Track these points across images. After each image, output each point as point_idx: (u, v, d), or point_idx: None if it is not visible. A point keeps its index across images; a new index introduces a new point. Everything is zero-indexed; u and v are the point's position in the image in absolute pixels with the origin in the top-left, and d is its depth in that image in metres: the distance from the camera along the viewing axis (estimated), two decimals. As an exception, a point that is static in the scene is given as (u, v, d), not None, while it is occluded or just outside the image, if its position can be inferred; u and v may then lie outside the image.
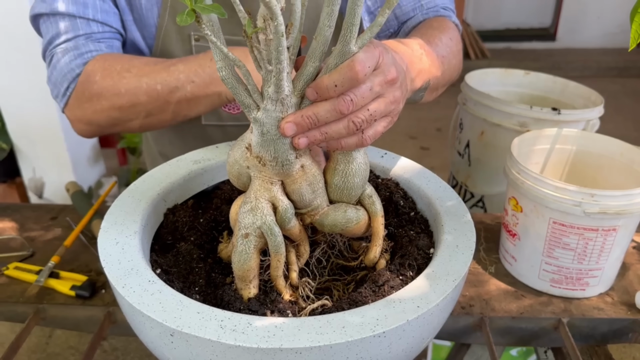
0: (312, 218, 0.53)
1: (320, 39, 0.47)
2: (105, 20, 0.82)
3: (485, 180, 1.19)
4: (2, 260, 0.86)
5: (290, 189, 0.51)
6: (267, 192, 0.51)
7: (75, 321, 0.79)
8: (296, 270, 0.53)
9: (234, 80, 0.48)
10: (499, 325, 0.77)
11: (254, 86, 0.48)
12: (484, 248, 0.90)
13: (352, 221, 0.53)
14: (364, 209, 0.55)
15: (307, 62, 0.48)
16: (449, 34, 0.87)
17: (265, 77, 0.47)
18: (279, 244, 0.51)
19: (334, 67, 0.48)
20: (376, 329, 0.42)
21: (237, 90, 0.48)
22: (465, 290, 0.81)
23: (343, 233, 0.55)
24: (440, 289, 0.47)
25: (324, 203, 0.53)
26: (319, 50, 0.48)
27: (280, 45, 0.43)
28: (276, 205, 0.51)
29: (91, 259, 0.87)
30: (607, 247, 0.76)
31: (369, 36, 0.47)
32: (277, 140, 0.49)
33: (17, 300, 0.78)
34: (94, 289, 0.80)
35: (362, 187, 0.54)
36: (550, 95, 1.25)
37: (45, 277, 0.81)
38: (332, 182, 0.53)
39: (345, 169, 0.53)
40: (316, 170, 0.52)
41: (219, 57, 0.47)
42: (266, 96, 0.47)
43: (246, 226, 0.51)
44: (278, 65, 0.44)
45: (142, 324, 0.45)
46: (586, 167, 0.89)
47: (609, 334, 0.78)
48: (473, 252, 0.52)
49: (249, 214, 0.50)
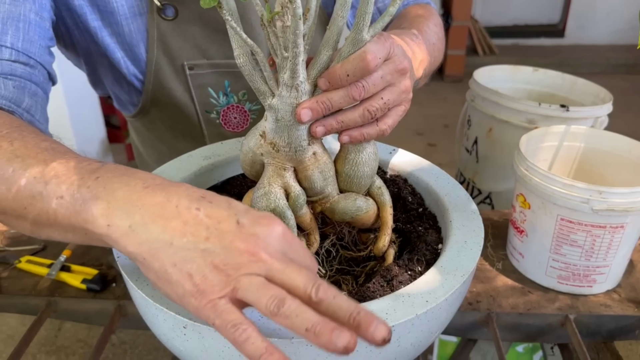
0: (323, 206, 0.54)
1: (334, 29, 0.49)
2: (27, 51, 0.65)
3: (492, 177, 1.19)
4: (14, 254, 0.88)
5: (302, 175, 0.52)
6: (280, 178, 0.52)
7: (86, 314, 0.80)
8: (307, 259, 0.54)
9: (251, 67, 0.49)
10: (506, 321, 0.77)
11: (269, 73, 0.49)
12: (492, 245, 0.91)
13: (362, 209, 0.54)
14: (373, 200, 0.56)
15: (321, 51, 0.49)
16: (433, 20, 0.88)
17: (280, 64, 0.48)
18: (291, 227, 0.52)
19: (347, 54, 0.49)
20: (385, 323, 0.43)
21: (253, 77, 0.50)
22: (472, 287, 0.81)
23: (352, 222, 0.56)
24: (448, 284, 0.48)
25: (334, 192, 0.54)
26: (332, 39, 0.49)
27: (297, 28, 0.44)
28: (289, 192, 0.52)
29: (102, 253, 0.88)
30: (614, 244, 0.76)
31: (381, 25, 0.48)
32: (291, 126, 0.50)
33: (30, 293, 0.80)
34: (104, 282, 0.81)
35: (372, 177, 0.55)
36: (559, 92, 1.25)
37: (57, 271, 0.82)
38: (343, 170, 0.54)
39: (356, 158, 0.54)
40: (327, 158, 0.53)
41: (237, 44, 0.48)
42: (281, 83, 0.49)
43: (259, 210, 0.52)
44: (295, 49, 0.45)
45: (155, 316, 0.46)
46: (594, 164, 0.89)
47: (615, 331, 0.78)
48: (481, 248, 0.53)
49: (262, 199, 0.51)
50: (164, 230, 0.40)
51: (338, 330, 0.35)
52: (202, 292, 0.38)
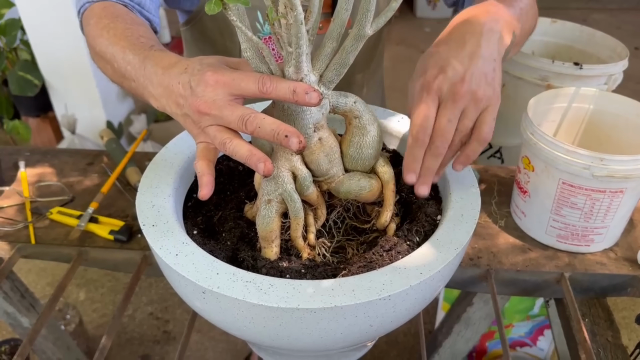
0: (329, 185, 0.58)
1: (338, 21, 0.51)
2: None
3: (503, 132, 1.20)
4: (45, 205, 0.94)
5: (309, 159, 0.56)
6: (288, 162, 0.55)
7: (114, 263, 0.87)
8: (314, 232, 0.59)
9: (258, 60, 0.52)
10: (504, 277, 0.82)
11: (276, 67, 0.51)
12: (496, 202, 0.94)
13: (365, 189, 0.58)
14: (376, 177, 0.59)
15: (325, 43, 0.52)
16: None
17: (286, 58, 0.50)
18: (298, 209, 0.56)
19: (350, 48, 0.51)
20: (382, 293, 0.48)
21: (260, 70, 0.52)
22: (474, 243, 0.86)
23: (357, 199, 0.60)
24: (442, 257, 0.52)
25: (339, 172, 0.58)
26: (336, 32, 0.51)
27: (299, 32, 0.46)
28: (296, 174, 0.56)
29: (127, 205, 0.94)
30: (613, 208, 0.79)
31: (383, 20, 0.50)
32: (297, 115, 0.53)
33: (62, 243, 0.86)
34: (130, 233, 0.87)
35: (375, 158, 0.58)
36: (576, 44, 1.24)
37: (86, 222, 0.88)
38: (348, 152, 0.57)
39: (360, 141, 0.57)
40: (333, 142, 0.56)
41: (243, 39, 0.50)
42: (287, 76, 0.51)
43: (269, 193, 0.56)
44: (297, 49, 0.48)
45: (178, 281, 0.51)
46: (602, 126, 0.91)
47: (608, 288, 0.82)
48: (476, 221, 0.56)
49: (271, 182, 0.55)
50: (167, 103, 0.56)
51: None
52: (195, 136, 0.56)
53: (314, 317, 0.47)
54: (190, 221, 0.61)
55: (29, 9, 2.08)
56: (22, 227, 0.88)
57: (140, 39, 0.66)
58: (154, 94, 0.58)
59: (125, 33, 0.67)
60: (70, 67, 2.21)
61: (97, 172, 1.03)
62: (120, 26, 0.69)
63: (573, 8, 4.06)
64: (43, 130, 2.51)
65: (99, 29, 0.70)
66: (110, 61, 0.67)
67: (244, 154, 0.50)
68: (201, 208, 0.64)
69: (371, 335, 0.54)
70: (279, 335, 0.50)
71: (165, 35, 3.19)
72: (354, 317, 0.48)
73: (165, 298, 1.95)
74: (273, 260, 0.56)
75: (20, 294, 1.06)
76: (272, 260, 0.56)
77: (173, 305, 1.92)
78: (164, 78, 0.56)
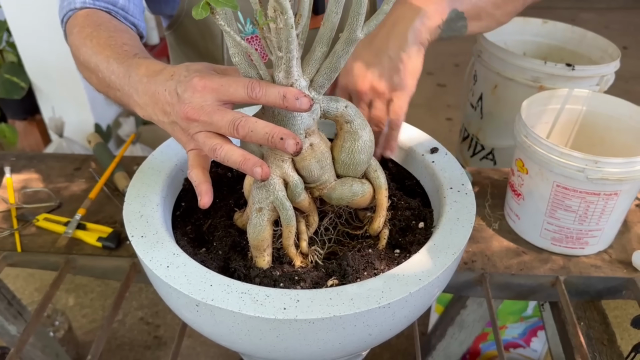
0: (321, 192, 0.57)
1: (328, 25, 0.49)
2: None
3: (496, 134, 1.21)
4: (31, 211, 0.92)
5: (300, 165, 0.54)
6: (279, 169, 0.54)
7: (103, 270, 0.85)
8: (306, 240, 0.57)
9: (247, 65, 0.50)
10: (498, 281, 0.81)
11: (265, 71, 0.50)
12: (490, 205, 0.94)
13: (357, 194, 0.57)
14: (369, 182, 0.58)
15: (315, 47, 0.50)
16: None
17: (275, 63, 0.49)
18: (290, 216, 0.54)
19: (340, 52, 0.50)
20: (381, 301, 0.46)
21: (249, 75, 0.51)
22: (468, 247, 0.85)
23: (349, 205, 0.58)
24: (440, 262, 0.51)
25: (331, 178, 0.57)
26: (326, 36, 0.50)
27: (290, 36, 0.45)
28: (287, 181, 0.54)
29: (115, 211, 0.92)
30: (607, 210, 0.78)
31: (375, 23, 0.49)
32: (288, 120, 0.52)
33: (49, 251, 0.84)
34: (119, 240, 0.85)
35: (367, 163, 0.57)
36: (568, 45, 1.24)
37: (73, 229, 0.86)
38: (339, 158, 0.56)
39: (352, 146, 0.55)
40: (324, 147, 0.55)
41: (232, 44, 0.49)
42: (277, 81, 0.50)
43: (259, 200, 0.54)
44: (288, 54, 0.47)
45: (169, 294, 0.50)
46: (595, 127, 0.90)
47: (603, 291, 0.82)
48: (472, 224, 0.56)
49: (262, 189, 0.54)
50: (153, 112, 0.55)
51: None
52: (184, 144, 0.55)
53: (312, 327, 0.46)
54: (179, 230, 0.59)
55: (14, 10, 2.04)
56: (8, 235, 0.86)
57: (123, 47, 0.64)
58: (139, 102, 0.57)
59: (109, 42, 0.66)
60: (57, 70, 2.17)
61: (85, 178, 1.01)
62: (104, 35, 0.68)
63: (561, 7, 4.07)
64: (30, 133, 2.47)
65: (82, 38, 0.69)
66: (94, 71, 0.66)
67: (237, 160, 0.49)
68: (190, 217, 0.62)
69: (369, 344, 0.53)
70: (275, 347, 0.49)
71: (154, 36, 3.15)
72: (352, 326, 0.47)
73: (155, 303, 1.93)
74: (266, 269, 0.55)
75: (7, 301, 1.04)
76: (264, 269, 0.55)
77: (164, 310, 1.90)
78: (149, 86, 0.55)
